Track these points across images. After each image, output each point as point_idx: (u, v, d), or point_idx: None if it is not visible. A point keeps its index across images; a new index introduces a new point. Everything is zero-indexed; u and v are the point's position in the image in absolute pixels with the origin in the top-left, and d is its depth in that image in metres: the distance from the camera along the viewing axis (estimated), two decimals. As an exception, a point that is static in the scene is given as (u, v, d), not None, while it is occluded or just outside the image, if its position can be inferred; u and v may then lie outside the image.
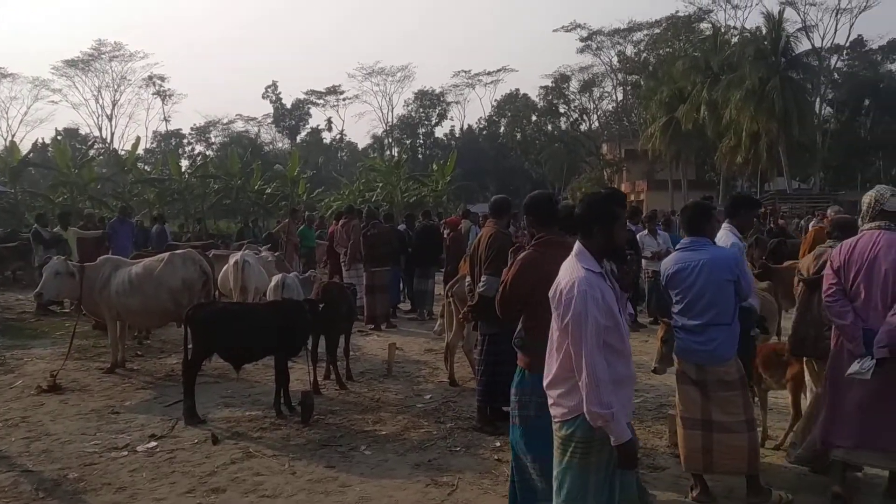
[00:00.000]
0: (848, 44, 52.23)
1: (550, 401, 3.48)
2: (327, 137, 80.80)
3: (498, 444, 6.29)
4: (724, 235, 5.52)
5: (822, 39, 48.61)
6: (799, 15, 47.62)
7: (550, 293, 3.43)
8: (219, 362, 7.84)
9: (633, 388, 3.53)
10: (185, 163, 51.08)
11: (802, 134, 42.17)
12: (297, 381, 7.86)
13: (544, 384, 3.53)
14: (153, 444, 6.40)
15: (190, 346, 7.10)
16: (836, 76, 53.51)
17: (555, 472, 3.47)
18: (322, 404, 7.51)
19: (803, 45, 45.38)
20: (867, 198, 4.95)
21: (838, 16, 48.38)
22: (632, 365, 3.43)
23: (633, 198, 54.47)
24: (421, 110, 75.37)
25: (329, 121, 79.85)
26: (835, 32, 50.70)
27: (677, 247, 5.22)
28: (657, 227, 13.12)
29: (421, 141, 76.05)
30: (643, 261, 12.22)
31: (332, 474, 5.67)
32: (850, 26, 50.92)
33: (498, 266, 6.29)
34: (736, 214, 5.73)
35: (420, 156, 71.72)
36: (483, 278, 6.47)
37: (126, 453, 6.19)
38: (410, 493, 5.31)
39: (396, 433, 6.66)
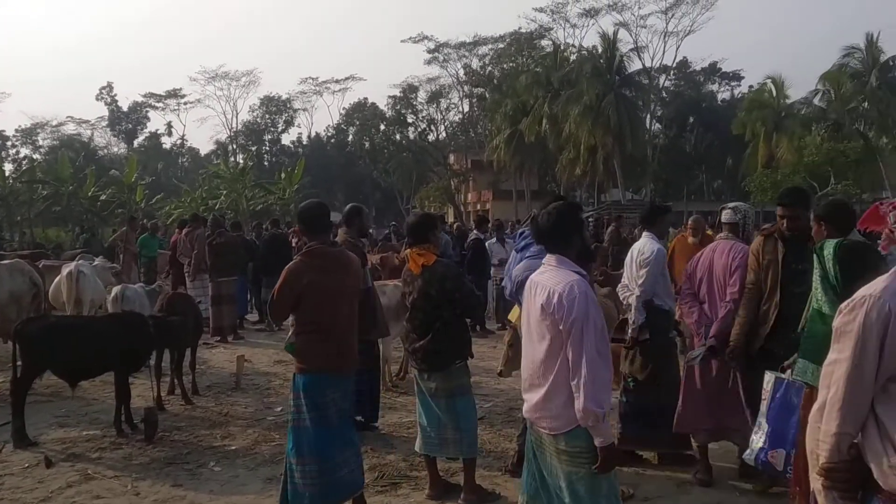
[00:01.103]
0: (674, 65, 55.94)
1: (541, 414, 3.45)
2: (167, 143, 77.41)
3: (352, 453, 6.26)
4: (648, 243, 5.92)
5: (652, 60, 51.86)
6: (631, 36, 50.57)
7: (543, 301, 3.38)
8: (52, 379, 7.36)
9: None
10: (8, 167, 47.50)
11: (635, 148, 44.83)
12: (138, 398, 7.52)
13: (535, 401, 3.48)
14: (-23, 470, 5.92)
15: (19, 363, 6.61)
16: (664, 95, 57.11)
17: (563, 484, 3.43)
18: (167, 420, 7.20)
19: (635, 65, 48.29)
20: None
21: (666, 38, 51.75)
22: (611, 370, 3.47)
23: (479, 207, 55.82)
24: (267, 116, 73.77)
25: (169, 125, 76.49)
26: (663, 54, 54.18)
27: (527, 255, 5.40)
28: (505, 236, 13.52)
29: (267, 148, 74.43)
30: (492, 268, 12.57)
31: (179, 493, 5.46)
32: (677, 48, 54.55)
33: None
34: (654, 223, 6.18)
35: (266, 163, 70.15)
36: None
37: (-55, 482, 5.69)
38: (263, 508, 5.20)
39: (247, 447, 6.50)
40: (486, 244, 12.71)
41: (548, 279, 3.46)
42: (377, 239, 17.16)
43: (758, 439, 3.91)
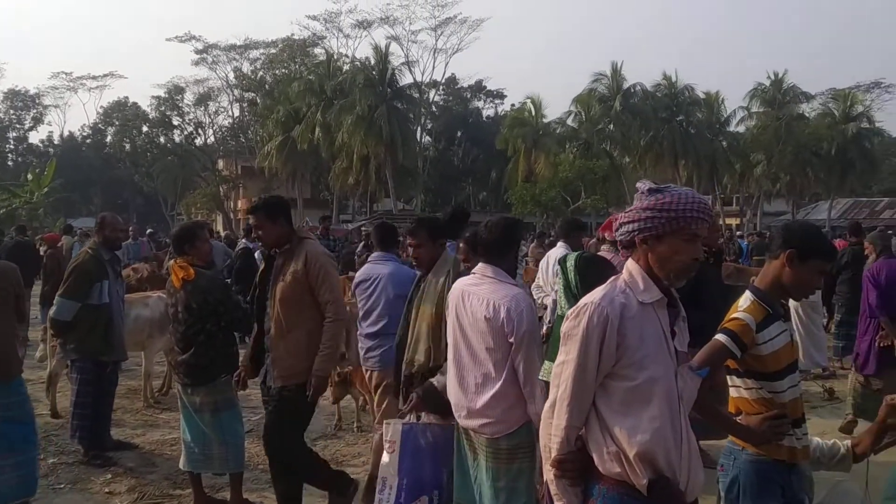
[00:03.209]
0: (444, 81, 58.01)
1: (487, 420, 3.49)
2: None
3: (108, 476, 5.95)
4: (561, 255, 6.08)
5: (423, 74, 53.35)
6: (403, 50, 51.77)
7: (487, 314, 3.44)
8: None
9: None
10: None
11: (406, 159, 46.04)
12: None
13: (477, 408, 3.51)
14: None
15: None
16: (434, 109, 59.07)
17: (501, 483, 3.50)
18: None
19: (407, 78, 49.43)
20: None
21: (436, 55, 53.43)
22: None
23: (249, 215, 54.41)
24: (12, 112, 67.12)
25: None
26: (433, 69, 55.85)
27: (369, 259, 5.64)
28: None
29: (12, 146, 67.73)
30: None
31: None
32: (446, 65, 56.54)
33: (76, 289, 6.02)
34: (568, 236, 6.62)
35: (11, 163, 63.91)
36: (56, 300, 6.21)
37: None
38: (6, 541, 4.80)
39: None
40: (256, 253, 12.48)
41: (489, 292, 3.52)
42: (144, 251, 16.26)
43: (386, 499, 3.72)
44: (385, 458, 3.77)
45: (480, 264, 3.67)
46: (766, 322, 2.92)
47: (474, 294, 3.56)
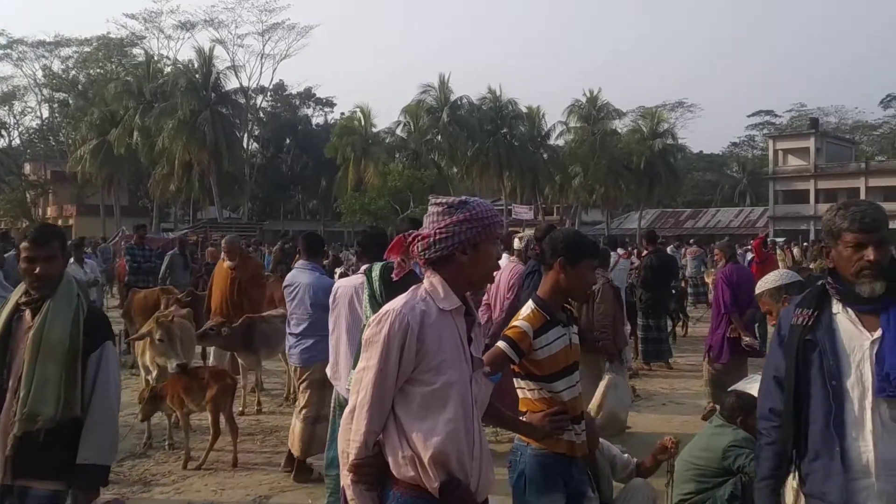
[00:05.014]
0: (271, 87, 57.05)
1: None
2: None
3: None
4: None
5: (249, 80, 52.23)
6: (228, 54, 50.48)
7: (354, 300, 4.47)
8: None
9: None
10: None
11: (232, 166, 44.86)
12: None
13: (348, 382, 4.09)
14: None
15: None
16: (261, 115, 57.89)
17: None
18: None
19: (232, 83, 48.27)
20: None
21: (263, 60, 52.59)
22: None
23: (60, 223, 50.99)
24: None
25: None
26: (260, 75, 54.96)
27: (296, 265, 6.33)
28: (86, 256, 12.56)
29: None
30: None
31: None
32: (273, 71, 56.09)
33: None
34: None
35: None
36: None
37: None
38: None
39: None
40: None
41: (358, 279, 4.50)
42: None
43: None
44: None
45: (364, 265, 4.55)
46: (545, 328, 3.15)
47: (363, 286, 4.23)
